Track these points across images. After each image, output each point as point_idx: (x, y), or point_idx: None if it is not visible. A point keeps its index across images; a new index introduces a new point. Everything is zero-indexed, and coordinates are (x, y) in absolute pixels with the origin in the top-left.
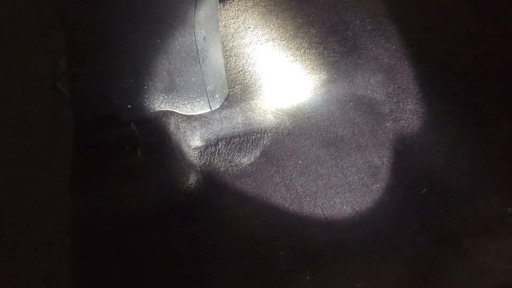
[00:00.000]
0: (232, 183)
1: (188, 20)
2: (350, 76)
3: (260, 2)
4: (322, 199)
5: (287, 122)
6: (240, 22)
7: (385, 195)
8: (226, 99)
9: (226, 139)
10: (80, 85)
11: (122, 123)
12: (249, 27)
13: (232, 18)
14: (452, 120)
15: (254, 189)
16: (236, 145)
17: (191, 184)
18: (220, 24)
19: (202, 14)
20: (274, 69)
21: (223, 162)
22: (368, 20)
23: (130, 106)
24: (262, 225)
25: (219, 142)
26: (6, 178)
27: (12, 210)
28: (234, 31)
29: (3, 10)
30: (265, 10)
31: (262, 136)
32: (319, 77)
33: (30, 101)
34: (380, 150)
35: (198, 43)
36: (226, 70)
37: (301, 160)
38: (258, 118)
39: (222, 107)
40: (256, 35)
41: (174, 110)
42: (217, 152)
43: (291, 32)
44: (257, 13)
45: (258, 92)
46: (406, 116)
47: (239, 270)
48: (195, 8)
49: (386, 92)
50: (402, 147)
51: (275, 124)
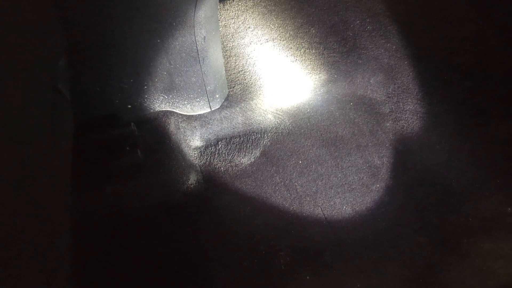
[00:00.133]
0: (232, 183)
1: (188, 20)
2: (350, 76)
3: (260, 2)
4: (322, 199)
5: (287, 122)
6: (240, 22)
7: (385, 195)
8: (226, 99)
9: (226, 139)
10: (80, 85)
11: (122, 123)
12: (249, 27)
13: (232, 18)
14: (452, 120)
15: (254, 189)
16: (236, 145)
17: (191, 184)
18: (220, 24)
19: (202, 14)
20: (274, 69)
21: (223, 162)
22: (368, 20)
23: (130, 106)
24: (262, 225)
25: (219, 142)
26: (6, 178)
27: (12, 210)
28: (234, 31)
29: (3, 10)
30: (265, 10)
31: (262, 136)
32: (319, 77)
33: (30, 101)
34: (380, 150)
35: (198, 43)
36: (226, 70)
37: (301, 160)
38: (258, 118)
39: (222, 107)
40: (256, 35)
41: (174, 110)
42: (217, 152)
43: (291, 32)
44: (257, 13)
45: (258, 92)
46: (406, 116)
47: (239, 270)
48: (195, 8)
49: (386, 92)
50: (402, 147)
51: (275, 124)
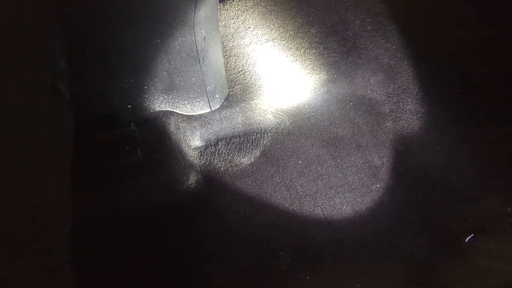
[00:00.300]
0: (232, 183)
1: (188, 20)
2: (350, 76)
3: (260, 2)
4: (322, 199)
5: (287, 122)
6: (240, 22)
7: (385, 195)
8: (226, 99)
9: (226, 139)
10: (80, 85)
11: (122, 123)
12: (249, 27)
13: (232, 18)
14: (452, 120)
15: (254, 189)
16: (236, 145)
17: (191, 184)
18: (220, 24)
19: (202, 14)
20: (274, 69)
21: (223, 162)
22: (368, 20)
23: (130, 106)
24: (262, 225)
25: (219, 142)
26: (6, 178)
27: (12, 210)
28: (234, 31)
29: (3, 10)
30: (265, 10)
31: (262, 136)
32: (319, 77)
33: (30, 101)
34: (380, 150)
35: (198, 43)
36: (226, 70)
37: (301, 160)
38: (258, 118)
39: (222, 107)
40: (256, 35)
41: (174, 110)
42: (217, 152)
43: (291, 32)
44: (257, 13)
45: (258, 92)
46: (406, 116)
47: (239, 270)
48: (195, 8)
49: (386, 92)
50: (402, 147)
51: (275, 124)
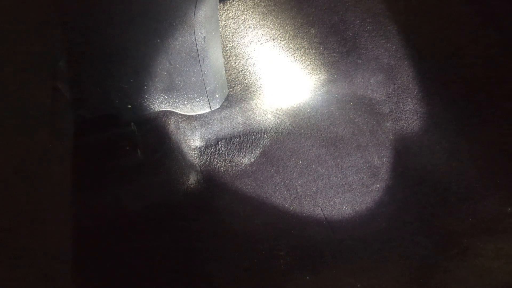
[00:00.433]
0: (232, 183)
1: (188, 20)
2: (350, 76)
3: (260, 2)
4: (322, 199)
5: (287, 122)
6: (240, 22)
7: (385, 195)
8: (226, 99)
9: (226, 139)
10: (80, 85)
11: (122, 123)
12: (249, 27)
13: (232, 18)
14: (452, 120)
15: (254, 189)
16: (236, 145)
17: (191, 184)
18: (220, 24)
19: (202, 14)
20: (274, 69)
21: (223, 162)
22: (368, 20)
23: (130, 106)
24: (262, 225)
25: (219, 142)
26: (7, 178)
27: (12, 210)
28: (234, 31)
29: (3, 10)
30: (265, 10)
31: (262, 136)
32: (319, 77)
33: (30, 101)
34: (380, 150)
35: (198, 43)
36: (226, 70)
37: (301, 160)
38: (258, 118)
39: (222, 107)
40: (256, 35)
41: (174, 110)
42: (217, 152)
43: (291, 32)
44: (257, 13)
45: (258, 92)
46: (406, 116)
47: (239, 270)
48: (195, 8)
49: (386, 92)
50: (402, 147)
51: (275, 124)
